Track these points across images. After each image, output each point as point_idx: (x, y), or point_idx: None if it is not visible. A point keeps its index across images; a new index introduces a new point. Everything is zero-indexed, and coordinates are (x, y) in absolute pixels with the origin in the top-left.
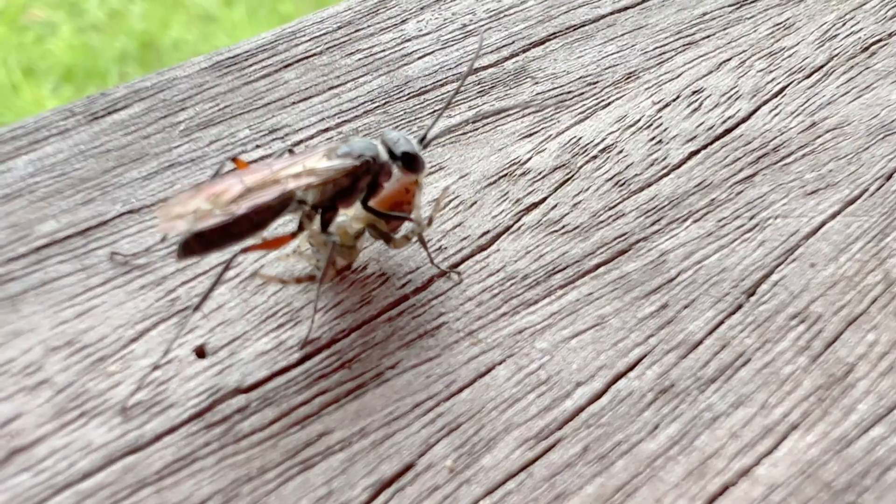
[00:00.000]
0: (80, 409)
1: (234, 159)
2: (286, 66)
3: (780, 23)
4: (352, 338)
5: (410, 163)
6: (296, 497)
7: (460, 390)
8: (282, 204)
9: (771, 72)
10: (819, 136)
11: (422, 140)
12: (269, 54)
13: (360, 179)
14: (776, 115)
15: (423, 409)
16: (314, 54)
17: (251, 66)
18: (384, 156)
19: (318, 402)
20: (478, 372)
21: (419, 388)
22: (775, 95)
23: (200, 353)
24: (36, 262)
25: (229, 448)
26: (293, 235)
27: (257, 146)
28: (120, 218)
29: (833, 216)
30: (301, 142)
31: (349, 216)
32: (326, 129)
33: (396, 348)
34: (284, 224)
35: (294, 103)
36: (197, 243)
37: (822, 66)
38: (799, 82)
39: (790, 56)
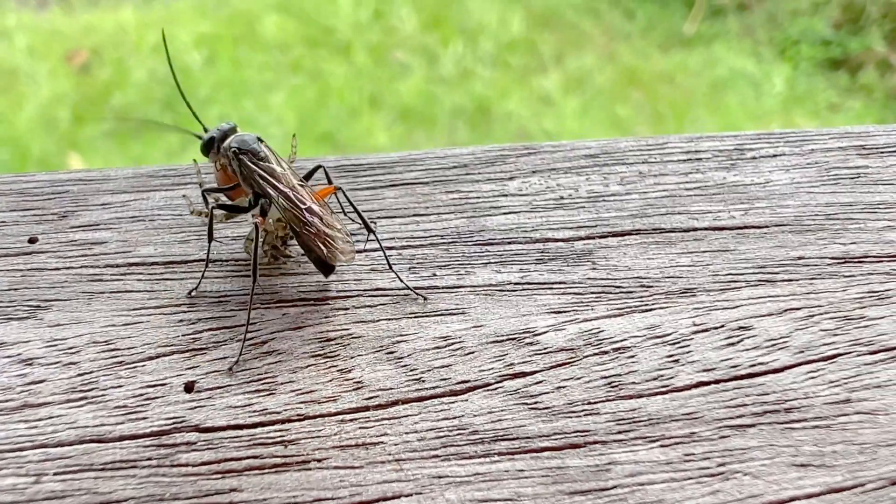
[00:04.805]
0: (84, 394)
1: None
2: (392, 186)
3: (877, 291)
4: (304, 423)
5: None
6: None
7: None
8: None
9: (835, 335)
10: (845, 415)
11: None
12: (385, 171)
13: None
14: (812, 378)
15: None
16: (420, 183)
17: (366, 176)
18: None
19: (245, 464)
20: (384, 495)
21: (328, 487)
22: (824, 359)
23: (189, 387)
24: (123, 273)
25: (162, 469)
26: None
27: None
28: (197, 262)
29: (808, 496)
30: (368, 251)
31: None
32: (391, 248)
33: (332, 446)
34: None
35: (379, 217)
36: None
37: (895, 349)
38: (859, 355)
39: (866, 327)
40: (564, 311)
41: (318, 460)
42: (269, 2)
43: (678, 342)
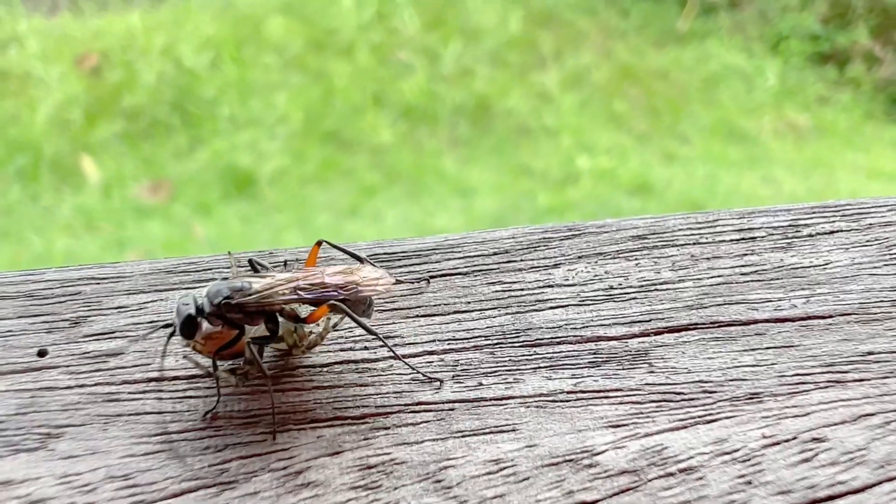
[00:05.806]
0: None
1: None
2: (430, 278)
3: None
4: None
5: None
6: None
7: None
8: None
9: None
10: None
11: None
12: (420, 260)
13: None
14: None
15: None
16: (459, 273)
17: (401, 266)
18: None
19: None
20: None
21: None
22: None
23: None
24: (143, 391)
25: None
26: None
27: (365, 348)
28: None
29: None
30: (407, 356)
31: None
32: (432, 352)
33: None
34: None
35: (417, 316)
36: None
37: None
38: None
39: None
40: (624, 425)
41: None
42: (273, 4)
43: (748, 459)
